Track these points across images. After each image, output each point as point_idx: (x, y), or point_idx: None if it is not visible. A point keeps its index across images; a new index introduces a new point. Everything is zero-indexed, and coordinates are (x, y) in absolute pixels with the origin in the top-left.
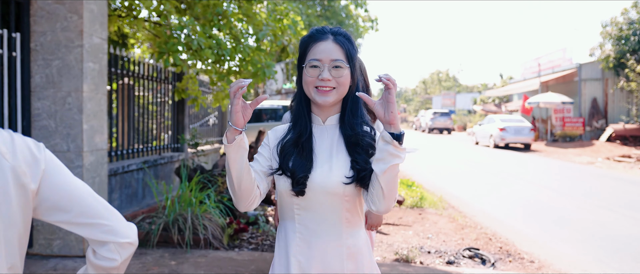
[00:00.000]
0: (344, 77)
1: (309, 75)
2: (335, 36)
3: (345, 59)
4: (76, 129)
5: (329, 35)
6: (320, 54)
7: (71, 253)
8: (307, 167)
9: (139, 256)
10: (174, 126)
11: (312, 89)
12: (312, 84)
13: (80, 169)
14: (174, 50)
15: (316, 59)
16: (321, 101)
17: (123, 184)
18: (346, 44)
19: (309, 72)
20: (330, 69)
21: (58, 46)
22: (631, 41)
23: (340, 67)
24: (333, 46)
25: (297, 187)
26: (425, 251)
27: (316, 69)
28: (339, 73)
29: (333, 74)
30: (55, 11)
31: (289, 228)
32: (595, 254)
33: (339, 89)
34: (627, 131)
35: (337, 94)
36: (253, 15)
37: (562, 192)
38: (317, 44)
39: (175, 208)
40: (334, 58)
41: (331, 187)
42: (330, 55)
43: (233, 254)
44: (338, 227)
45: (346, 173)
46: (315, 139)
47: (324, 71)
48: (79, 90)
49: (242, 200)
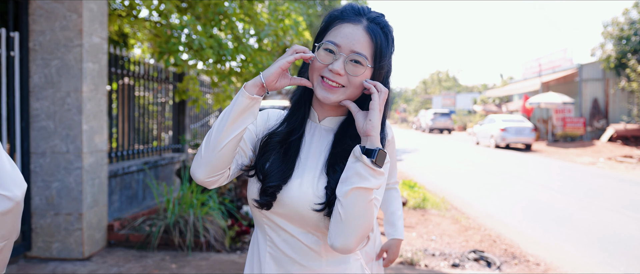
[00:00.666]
0: (359, 77)
1: (319, 59)
2: (370, 22)
3: (371, 57)
4: (75, 130)
5: (363, 19)
6: (341, 39)
7: (70, 256)
8: (284, 175)
9: (140, 259)
10: (175, 126)
11: (316, 77)
12: (318, 71)
13: (79, 171)
14: (174, 50)
15: (334, 42)
16: (322, 97)
17: (123, 185)
18: (380, 37)
19: (321, 56)
20: (347, 61)
21: (57, 46)
22: (632, 41)
23: (359, 64)
24: (362, 34)
25: (262, 198)
26: (430, 253)
27: (330, 55)
28: (356, 70)
29: (348, 69)
30: (54, 10)
31: (261, 243)
32: (601, 256)
33: (348, 89)
34: (628, 131)
35: (344, 95)
36: (254, 15)
37: (565, 193)
38: (343, 25)
39: (176, 210)
40: (356, 50)
41: (301, 207)
42: (353, 44)
43: (235, 257)
44: (316, 256)
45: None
46: (305, 141)
47: (338, 60)
48: (79, 90)
49: (208, 166)
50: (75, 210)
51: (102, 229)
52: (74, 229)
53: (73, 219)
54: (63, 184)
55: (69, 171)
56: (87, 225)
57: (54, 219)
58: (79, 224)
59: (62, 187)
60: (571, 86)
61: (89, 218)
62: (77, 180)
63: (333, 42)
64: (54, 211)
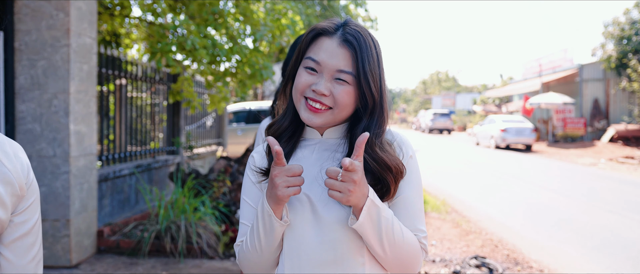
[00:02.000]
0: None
1: (302, 78)
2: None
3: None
4: (62, 133)
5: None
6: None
7: (58, 264)
8: None
9: (130, 267)
10: (169, 128)
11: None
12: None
13: (67, 175)
14: (166, 50)
15: (315, 60)
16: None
17: (114, 189)
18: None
19: (303, 75)
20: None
21: (44, 46)
22: (633, 41)
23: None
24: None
25: None
26: (430, 259)
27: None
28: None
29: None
30: (40, 8)
31: None
32: (606, 262)
33: (335, 111)
34: (629, 132)
35: (331, 116)
36: (250, 14)
37: (566, 195)
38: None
39: (169, 215)
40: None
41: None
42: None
43: (228, 264)
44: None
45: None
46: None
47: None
48: (66, 92)
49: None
50: (62, 216)
51: (92, 236)
52: (62, 236)
53: (60, 225)
54: (50, 189)
55: (56, 176)
56: (75, 231)
57: None
58: (66, 231)
59: (48, 192)
60: (572, 86)
61: (77, 224)
62: (64, 185)
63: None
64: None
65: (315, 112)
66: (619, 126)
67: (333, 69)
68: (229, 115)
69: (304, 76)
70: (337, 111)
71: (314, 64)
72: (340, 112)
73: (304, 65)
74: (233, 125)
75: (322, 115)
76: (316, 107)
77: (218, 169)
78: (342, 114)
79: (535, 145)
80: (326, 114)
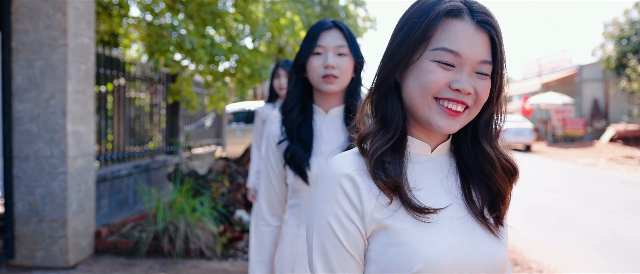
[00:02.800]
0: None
1: (436, 75)
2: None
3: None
4: (60, 133)
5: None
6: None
7: (55, 265)
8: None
9: (127, 267)
10: (168, 128)
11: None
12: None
13: (64, 176)
14: (165, 50)
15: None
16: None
17: (113, 190)
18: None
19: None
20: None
21: (41, 46)
22: (633, 41)
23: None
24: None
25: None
26: None
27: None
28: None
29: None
30: (37, 8)
31: None
32: (606, 263)
33: (472, 111)
34: (629, 132)
35: (467, 119)
36: (249, 14)
37: (566, 195)
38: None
39: (167, 216)
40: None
41: None
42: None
43: (226, 264)
44: None
45: None
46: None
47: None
48: (63, 92)
49: None
50: (59, 216)
51: (89, 236)
52: (59, 237)
53: (57, 226)
54: (47, 190)
55: (53, 176)
56: (73, 232)
57: (37, 226)
58: (63, 231)
59: (46, 193)
60: (571, 86)
61: (74, 224)
62: (61, 185)
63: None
64: (37, 217)
65: (456, 117)
66: (618, 126)
67: (475, 61)
68: (228, 115)
69: (439, 73)
70: (474, 111)
71: (451, 57)
72: (345, 79)
73: (433, 57)
74: (232, 125)
75: (462, 118)
76: (457, 110)
77: (217, 169)
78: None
79: (534, 145)
80: (463, 117)
